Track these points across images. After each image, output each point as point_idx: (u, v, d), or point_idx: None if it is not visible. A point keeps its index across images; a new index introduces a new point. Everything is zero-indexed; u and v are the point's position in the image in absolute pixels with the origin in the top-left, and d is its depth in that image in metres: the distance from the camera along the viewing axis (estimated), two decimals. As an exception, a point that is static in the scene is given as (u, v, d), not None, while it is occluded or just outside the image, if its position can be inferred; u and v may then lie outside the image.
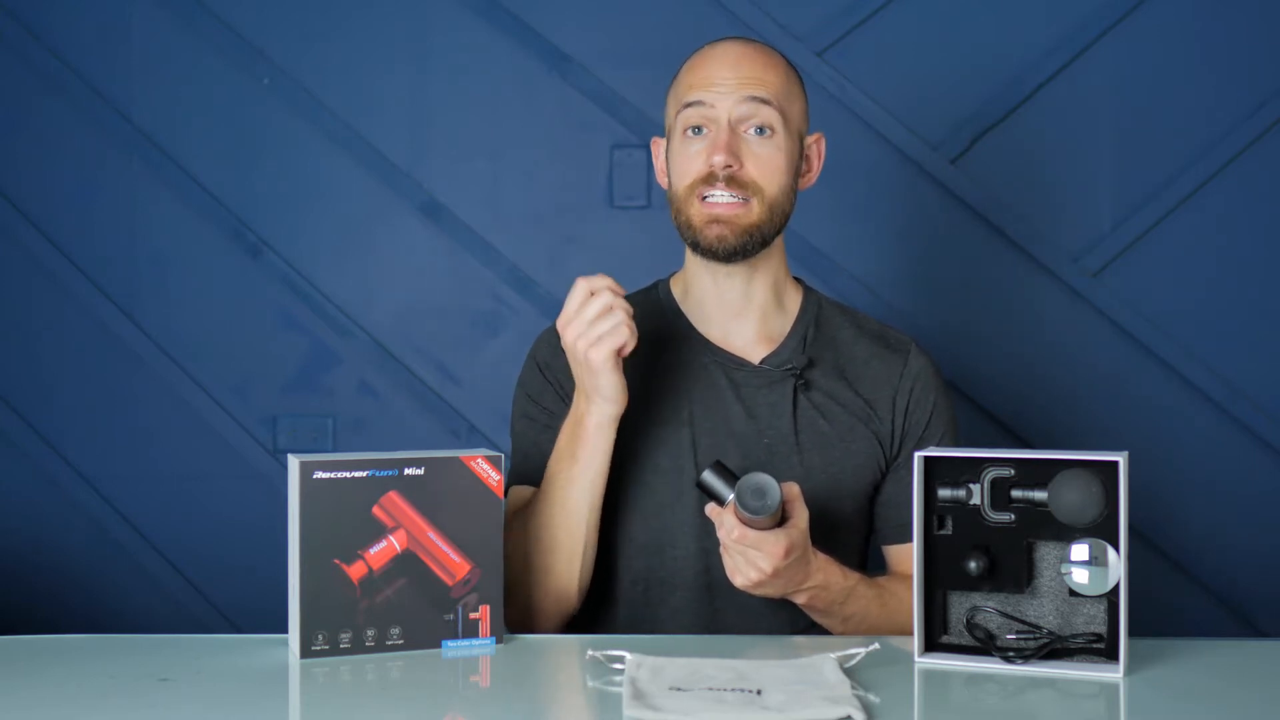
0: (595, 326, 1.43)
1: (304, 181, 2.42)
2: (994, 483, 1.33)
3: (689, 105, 1.54)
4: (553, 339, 1.65)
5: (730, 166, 1.51)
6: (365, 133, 2.41)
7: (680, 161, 1.56)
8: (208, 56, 2.42)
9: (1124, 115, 2.31)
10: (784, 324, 1.63)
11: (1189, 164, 2.30)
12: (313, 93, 2.42)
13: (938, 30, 2.34)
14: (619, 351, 1.44)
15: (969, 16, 2.34)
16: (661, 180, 1.63)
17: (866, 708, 1.15)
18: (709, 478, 1.39)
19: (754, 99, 1.52)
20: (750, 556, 1.36)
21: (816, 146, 1.63)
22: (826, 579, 1.45)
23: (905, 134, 2.34)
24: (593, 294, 1.44)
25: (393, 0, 2.40)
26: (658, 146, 1.65)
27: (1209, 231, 2.30)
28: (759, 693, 1.18)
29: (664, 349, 1.62)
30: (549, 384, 1.62)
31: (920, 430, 1.61)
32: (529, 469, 1.59)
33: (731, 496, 1.36)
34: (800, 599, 1.45)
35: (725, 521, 1.36)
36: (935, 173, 2.33)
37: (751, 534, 1.35)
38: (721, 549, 1.39)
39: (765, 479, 1.35)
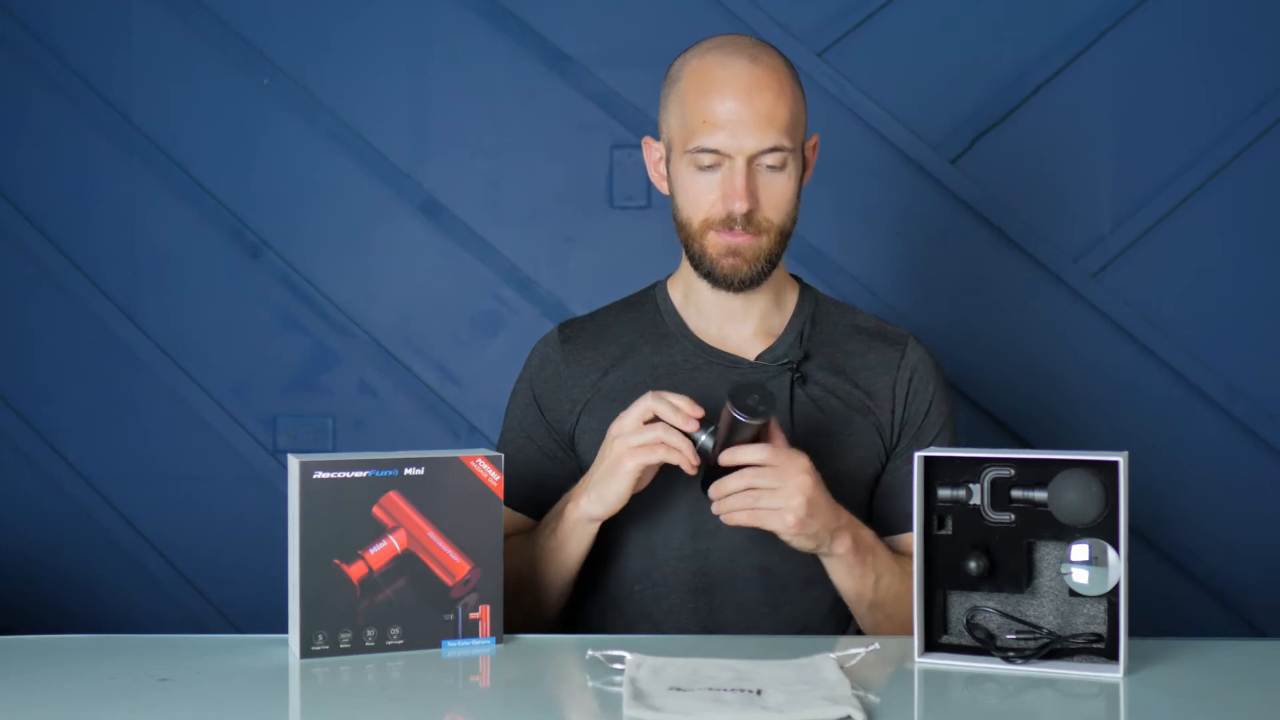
0: (637, 435, 1.42)
1: (304, 181, 2.42)
2: (994, 483, 1.33)
3: (703, 150, 1.52)
4: (547, 347, 1.66)
5: (749, 210, 1.52)
6: (365, 133, 2.41)
7: (692, 191, 1.55)
8: (208, 56, 2.42)
9: (1124, 115, 2.31)
10: (781, 320, 1.63)
11: (1189, 164, 2.30)
12: (313, 93, 2.42)
13: (938, 30, 2.34)
14: (649, 469, 1.44)
15: (969, 16, 2.34)
16: (660, 185, 1.62)
17: (866, 708, 1.15)
18: (698, 435, 1.41)
19: (770, 150, 1.51)
20: (783, 475, 1.38)
21: (814, 149, 1.63)
22: (852, 517, 1.47)
23: (905, 134, 2.34)
24: (653, 408, 1.42)
25: (393, 0, 2.40)
26: (650, 148, 1.63)
27: (1209, 231, 2.30)
28: (759, 693, 1.18)
29: (658, 352, 1.62)
30: (536, 406, 1.64)
31: (920, 419, 1.61)
32: (508, 490, 1.58)
33: (720, 435, 1.39)
34: (844, 543, 1.45)
35: (739, 454, 1.38)
36: (935, 173, 2.33)
37: (766, 445, 1.38)
38: (747, 512, 1.40)
39: (750, 382, 1.35)
